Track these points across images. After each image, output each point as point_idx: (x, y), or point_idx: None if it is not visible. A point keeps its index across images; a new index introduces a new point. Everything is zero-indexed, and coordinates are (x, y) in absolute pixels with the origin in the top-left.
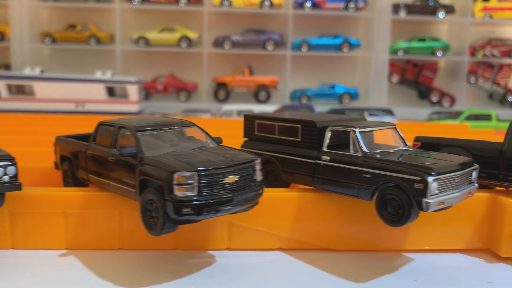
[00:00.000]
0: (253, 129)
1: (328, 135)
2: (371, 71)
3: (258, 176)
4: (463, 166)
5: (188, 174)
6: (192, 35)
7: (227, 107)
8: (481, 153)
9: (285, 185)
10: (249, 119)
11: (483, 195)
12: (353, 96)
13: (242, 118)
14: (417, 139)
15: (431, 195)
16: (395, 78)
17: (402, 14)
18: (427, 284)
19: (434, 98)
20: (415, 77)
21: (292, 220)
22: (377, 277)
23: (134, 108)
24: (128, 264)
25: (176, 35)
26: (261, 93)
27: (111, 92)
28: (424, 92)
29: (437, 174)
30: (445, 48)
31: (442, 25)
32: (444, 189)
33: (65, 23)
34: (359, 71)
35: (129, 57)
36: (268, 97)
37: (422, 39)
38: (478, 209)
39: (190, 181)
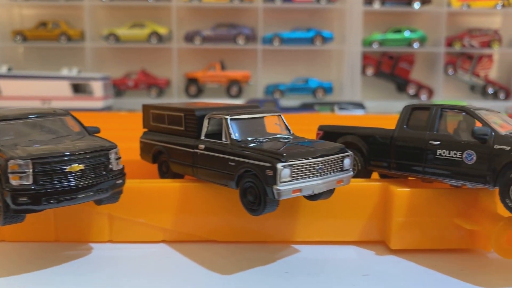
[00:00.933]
0: (150, 120)
1: (206, 123)
2: (344, 65)
3: (115, 166)
4: (327, 152)
5: (21, 162)
6: (162, 30)
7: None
8: (374, 140)
9: (178, 176)
10: (146, 109)
11: (374, 184)
12: (327, 90)
13: None
14: (320, 128)
15: (282, 182)
16: (370, 71)
17: (376, 5)
18: (296, 276)
19: (411, 90)
20: (391, 70)
21: (175, 212)
22: (248, 268)
23: (99, 104)
24: (6, 256)
25: (146, 31)
26: (232, 88)
27: (76, 89)
28: (401, 84)
29: (288, 160)
30: (422, 39)
31: (418, 16)
32: (300, 176)
33: (37, 21)
34: (333, 64)
35: (100, 54)
36: (240, 92)
37: (398, 31)
38: (370, 200)
39: (24, 170)
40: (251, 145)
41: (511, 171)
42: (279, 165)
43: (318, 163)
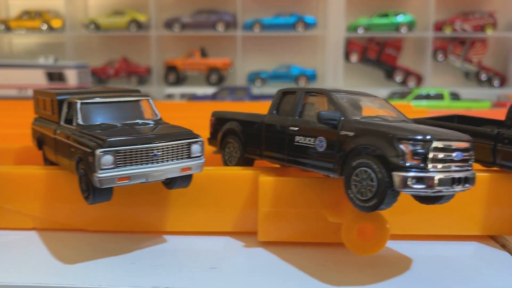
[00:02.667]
0: (37, 105)
1: (65, 107)
2: (327, 51)
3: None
4: (167, 138)
5: None
6: (142, 18)
7: (169, 90)
8: (249, 127)
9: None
10: (34, 95)
11: (245, 172)
12: (310, 77)
13: (186, 101)
14: (212, 114)
15: (103, 169)
16: (355, 58)
17: None
18: (141, 267)
19: (398, 77)
20: (377, 56)
21: (44, 200)
22: (95, 259)
23: None
24: None
25: (126, 19)
26: (212, 75)
27: (50, 77)
28: (389, 71)
29: (110, 146)
30: (411, 24)
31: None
32: (130, 162)
33: (21, 10)
34: (316, 51)
35: (82, 43)
36: (220, 80)
37: (385, 15)
38: (242, 189)
39: None
40: (96, 130)
41: (354, 160)
42: (98, 151)
43: (153, 149)
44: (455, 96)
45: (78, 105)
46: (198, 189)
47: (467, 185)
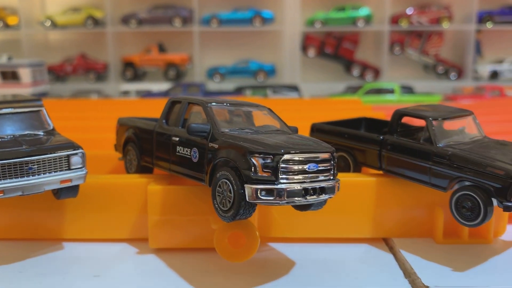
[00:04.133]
0: None
1: None
2: (285, 46)
3: None
4: (42, 151)
5: None
6: (98, 14)
7: (125, 86)
8: (143, 135)
9: None
10: None
11: (138, 181)
12: (269, 72)
13: (139, 99)
14: (118, 120)
15: None
16: (312, 52)
17: None
18: (28, 275)
19: (356, 71)
20: (335, 50)
21: None
22: None
23: (27, 91)
24: None
25: (82, 15)
26: (170, 71)
27: (4, 76)
28: (347, 65)
29: None
30: (367, 18)
31: None
32: (3, 176)
33: None
34: (274, 46)
35: (39, 41)
36: (178, 76)
37: (341, 9)
38: (136, 197)
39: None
40: None
41: (217, 171)
42: None
43: (28, 163)
44: (408, 90)
45: None
46: (93, 197)
47: (324, 195)
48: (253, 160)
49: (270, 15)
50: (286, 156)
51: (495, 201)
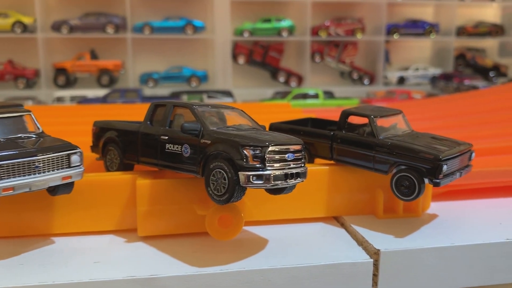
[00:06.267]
0: None
1: None
2: (216, 53)
3: None
4: (47, 151)
5: None
6: (27, 20)
7: (59, 93)
8: (126, 135)
9: None
10: None
11: (124, 177)
12: (202, 78)
13: (77, 104)
14: (94, 123)
15: None
16: (242, 60)
17: None
18: (30, 267)
19: (281, 78)
20: (262, 58)
21: None
22: None
23: None
24: None
25: (10, 21)
26: (103, 77)
27: None
28: (273, 72)
29: None
30: (291, 29)
31: (287, 6)
32: (13, 174)
33: None
34: (206, 53)
35: None
36: (111, 82)
37: (267, 20)
38: (122, 191)
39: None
40: None
41: (211, 163)
42: None
43: (35, 162)
44: (329, 95)
45: None
46: (83, 193)
47: (299, 179)
48: (245, 152)
49: (201, 24)
50: (270, 148)
51: (426, 181)
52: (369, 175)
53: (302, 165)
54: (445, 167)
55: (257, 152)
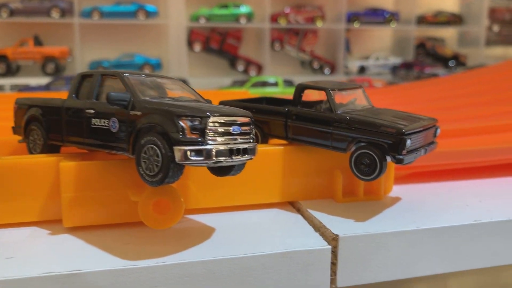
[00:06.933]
0: None
1: None
2: (170, 40)
3: None
4: None
5: None
6: None
7: None
8: (49, 112)
9: None
10: None
11: (46, 159)
12: (155, 66)
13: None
14: (15, 101)
15: None
16: (198, 47)
17: None
18: None
19: (240, 67)
20: (220, 46)
21: None
22: None
23: None
24: None
25: None
26: (48, 65)
27: None
28: (232, 60)
29: None
30: (249, 15)
31: None
32: None
33: None
34: (160, 40)
35: None
36: (57, 70)
37: (224, 6)
38: (45, 177)
39: None
40: None
41: (142, 138)
42: None
43: None
44: (289, 83)
45: None
46: None
47: (246, 155)
48: (181, 123)
49: (154, 9)
50: (212, 118)
51: (388, 159)
52: (327, 156)
53: (251, 140)
54: (408, 141)
55: (196, 123)
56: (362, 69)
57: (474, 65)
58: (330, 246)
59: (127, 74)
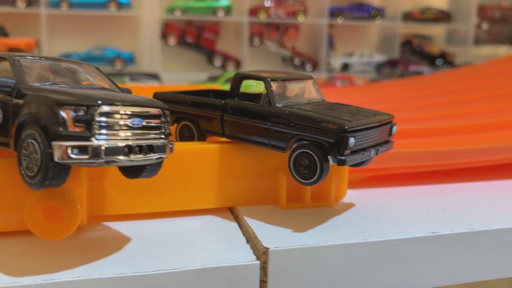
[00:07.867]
0: None
1: None
2: (143, 33)
3: None
4: None
5: None
6: None
7: None
8: None
9: None
10: None
11: None
12: (127, 60)
13: None
14: None
15: None
16: (173, 41)
17: None
18: None
19: (217, 62)
20: (196, 40)
21: None
22: None
23: None
24: None
25: None
26: None
27: None
28: (209, 55)
29: None
30: (227, 8)
31: None
32: None
33: None
34: (132, 33)
35: None
36: None
37: None
38: None
39: None
40: None
41: (23, 132)
42: None
43: None
44: None
45: None
46: None
47: (152, 154)
48: (63, 113)
49: (126, 0)
50: (104, 108)
51: (331, 161)
52: (271, 156)
53: (162, 136)
54: (352, 140)
55: (81, 113)
56: (345, 66)
57: (462, 64)
58: (258, 262)
59: (18, 57)
